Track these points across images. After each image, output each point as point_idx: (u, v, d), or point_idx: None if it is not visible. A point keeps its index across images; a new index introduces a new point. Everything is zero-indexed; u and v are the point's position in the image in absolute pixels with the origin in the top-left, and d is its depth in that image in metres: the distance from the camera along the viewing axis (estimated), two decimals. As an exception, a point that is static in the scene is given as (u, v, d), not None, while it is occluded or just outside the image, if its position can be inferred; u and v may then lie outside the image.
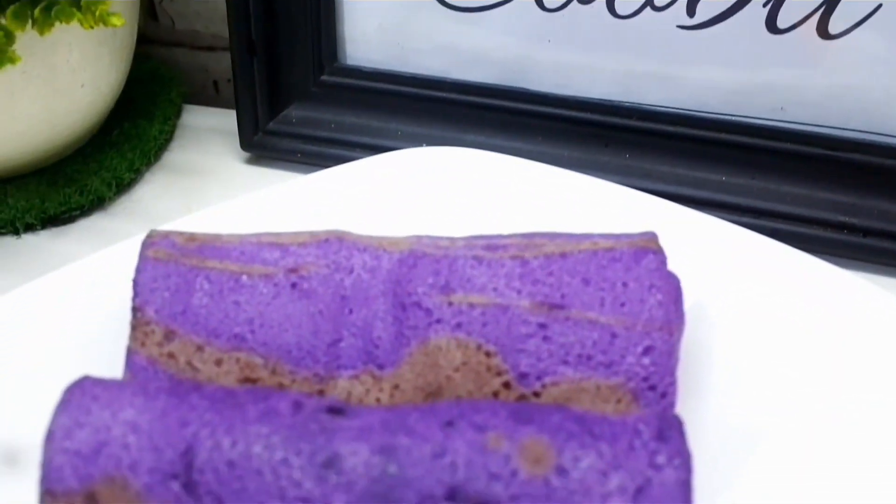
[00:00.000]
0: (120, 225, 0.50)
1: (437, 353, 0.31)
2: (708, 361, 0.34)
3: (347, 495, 0.26)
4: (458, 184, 0.43)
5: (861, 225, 0.43)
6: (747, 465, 0.31)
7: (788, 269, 0.37)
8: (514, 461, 0.26)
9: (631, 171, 0.47)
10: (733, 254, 0.38)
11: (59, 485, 0.27)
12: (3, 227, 0.49)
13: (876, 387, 0.33)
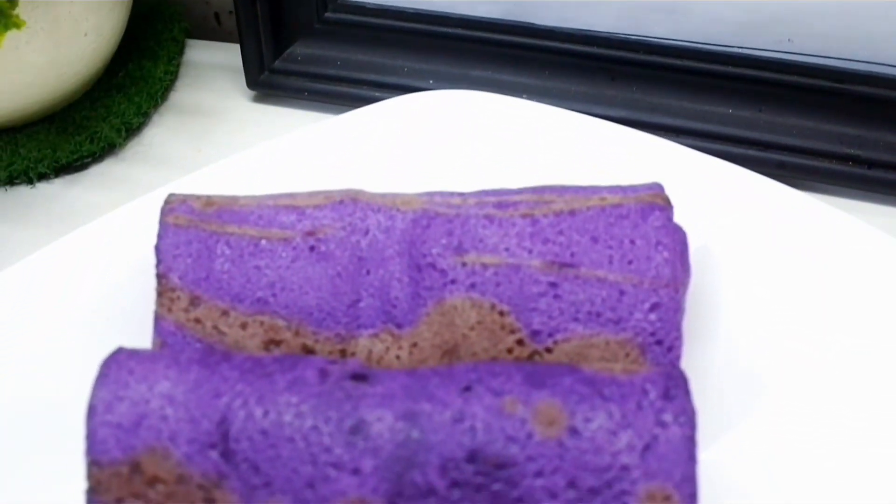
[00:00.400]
0: (132, 170, 0.51)
1: (453, 312, 0.33)
2: (713, 307, 0.36)
3: (375, 460, 0.28)
4: (467, 128, 0.43)
5: (866, 157, 0.43)
6: (752, 408, 0.33)
7: (793, 212, 0.37)
8: (529, 424, 0.28)
9: (637, 104, 0.47)
10: (738, 197, 0.38)
11: (104, 455, 0.29)
12: (17, 178, 0.49)
13: (881, 330, 0.34)
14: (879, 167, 0.43)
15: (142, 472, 0.28)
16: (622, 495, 0.27)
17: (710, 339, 0.35)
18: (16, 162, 0.49)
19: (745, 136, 0.45)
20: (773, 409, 0.34)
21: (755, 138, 0.45)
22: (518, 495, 0.27)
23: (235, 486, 0.28)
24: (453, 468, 0.28)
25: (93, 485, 0.29)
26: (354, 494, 0.28)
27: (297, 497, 0.28)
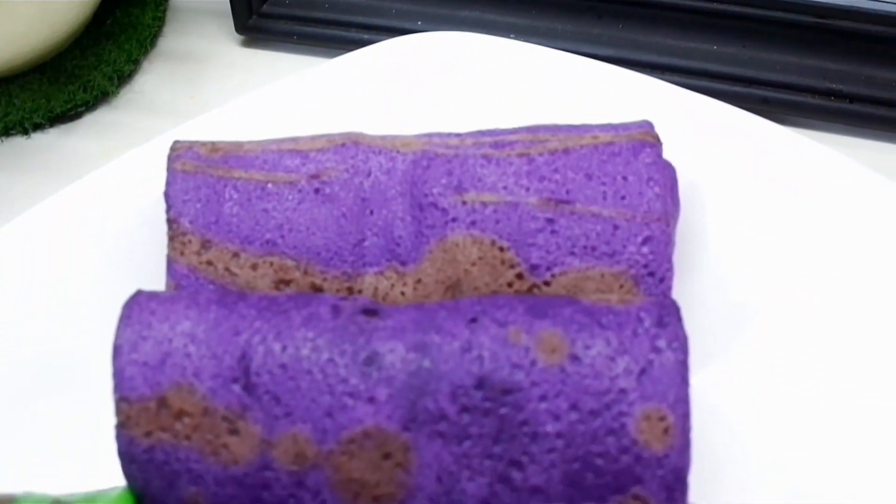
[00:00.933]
0: (127, 117, 0.52)
1: (455, 249, 0.34)
2: (701, 241, 0.37)
3: (388, 388, 0.30)
4: (458, 70, 0.44)
5: (848, 91, 0.45)
6: (739, 337, 0.35)
7: (777, 148, 0.39)
8: (533, 352, 0.30)
9: (624, 43, 0.48)
10: (724, 133, 0.40)
11: (132, 392, 0.30)
12: (12, 129, 0.50)
13: (863, 261, 0.36)
14: (860, 101, 0.45)
15: (168, 406, 0.30)
16: (620, 416, 0.29)
17: (699, 271, 0.37)
18: (11, 113, 0.49)
19: (730, 72, 0.47)
20: (759, 339, 0.36)
21: (739, 74, 0.46)
22: (524, 418, 0.29)
23: (258, 416, 0.30)
24: (462, 395, 0.30)
25: (122, 420, 0.30)
26: (371, 421, 0.30)
27: (317, 425, 0.30)
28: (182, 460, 0.30)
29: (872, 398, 0.34)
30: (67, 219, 0.39)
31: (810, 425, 0.34)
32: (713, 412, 0.34)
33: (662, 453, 0.29)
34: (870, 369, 0.34)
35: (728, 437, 0.34)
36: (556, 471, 0.30)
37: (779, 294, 0.37)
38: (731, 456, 0.33)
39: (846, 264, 0.36)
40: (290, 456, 0.30)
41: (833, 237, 0.37)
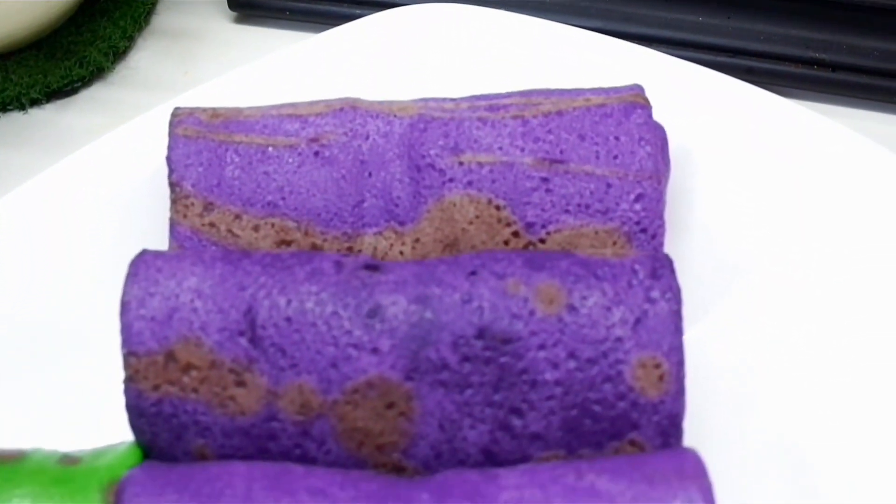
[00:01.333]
0: (122, 93, 0.52)
1: (452, 208, 0.35)
2: (691, 201, 0.38)
3: (391, 339, 0.31)
4: (448, 42, 0.45)
5: (831, 60, 0.46)
6: (731, 292, 0.36)
7: (764, 113, 0.40)
8: (532, 303, 0.31)
9: (611, 15, 0.49)
10: (713, 99, 0.41)
11: (140, 347, 0.31)
12: (9, 104, 0.50)
13: (848, 219, 0.37)
14: (843, 70, 0.46)
15: (176, 360, 0.31)
16: (617, 364, 0.30)
17: (689, 229, 0.38)
18: (7, 88, 0.50)
19: (715, 43, 0.48)
20: (748, 295, 0.37)
21: (724, 45, 0.48)
22: (523, 367, 0.30)
23: (264, 368, 0.31)
24: (464, 344, 0.30)
25: (130, 374, 0.31)
26: (374, 371, 0.30)
27: (322, 376, 0.31)
28: (189, 413, 0.31)
29: (859, 350, 0.35)
30: (71, 187, 0.39)
31: (799, 375, 0.35)
32: (706, 365, 0.35)
33: (658, 399, 0.30)
34: (856, 322, 0.36)
35: (721, 388, 0.35)
36: (555, 418, 0.30)
37: (767, 252, 0.38)
38: (724, 406, 0.34)
39: (831, 222, 0.38)
40: (296, 406, 0.31)
41: (819, 198, 0.38)
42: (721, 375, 0.35)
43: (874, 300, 0.35)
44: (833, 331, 0.36)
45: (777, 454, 0.33)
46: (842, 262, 0.37)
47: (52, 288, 0.37)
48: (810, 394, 0.34)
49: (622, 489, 0.27)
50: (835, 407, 0.33)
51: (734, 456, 0.32)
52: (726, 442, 0.33)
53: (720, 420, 0.33)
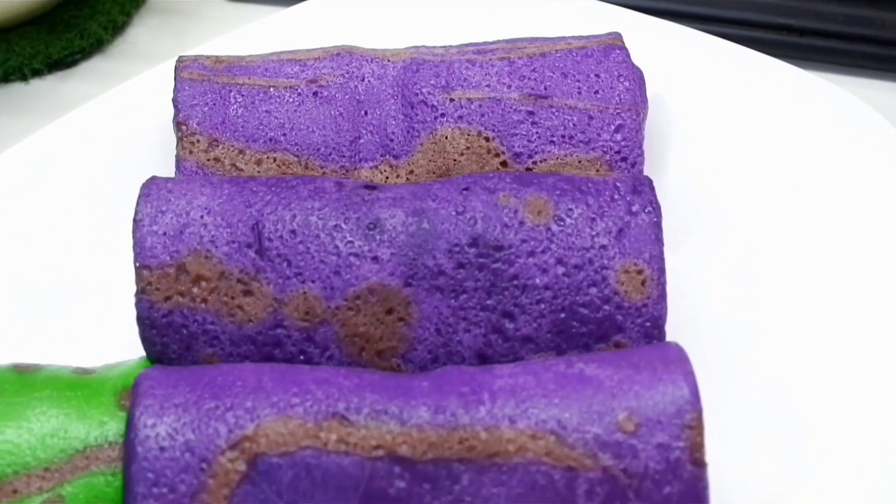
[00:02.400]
0: (119, 66, 0.54)
1: (444, 141, 0.37)
2: (667, 141, 0.41)
3: (391, 248, 0.33)
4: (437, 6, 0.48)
5: (798, 25, 0.49)
6: (706, 217, 0.39)
7: (735, 63, 0.43)
8: (521, 214, 0.33)
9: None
10: (687, 52, 0.44)
11: (153, 260, 0.33)
12: (11, 74, 0.52)
13: (814, 154, 0.40)
14: (809, 34, 0.49)
15: (187, 272, 0.33)
16: (602, 270, 0.33)
17: (665, 166, 0.41)
18: (10, 59, 0.52)
19: (686, 10, 0.51)
20: (725, 226, 0.39)
21: (695, 13, 0.50)
22: (514, 272, 0.32)
23: (270, 277, 0.33)
24: (458, 252, 0.32)
25: (143, 287, 0.33)
26: (375, 278, 0.32)
27: (325, 284, 0.32)
28: (199, 322, 0.33)
29: (829, 272, 0.37)
30: (81, 133, 0.41)
31: (775, 297, 0.37)
32: (685, 291, 0.38)
33: (641, 303, 0.33)
34: (825, 249, 0.38)
35: (700, 309, 0.37)
36: (545, 321, 0.33)
37: (738, 181, 0.40)
38: (705, 325, 0.36)
39: (800, 160, 0.40)
40: (301, 313, 0.32)
41: (789, 139, 0.41)
42: (702, 300, 0.37)
43: (838, 222, 0.38)
44: (812, 262, 0.38)
45: (753, 358, 0.35)
46: (813, 191, 0.40)
47: (66, 221, 0.39)
48: (789, 317, 0.36)
49: (609, 374, 0.29)
50: (809, 323, 0.36)
51: (714, 360, 0.34)
52: (705, 355, 0.34)
53: (702, 344, 0.34)
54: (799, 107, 0.42)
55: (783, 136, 0.41)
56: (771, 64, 0.43)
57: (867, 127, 0.41)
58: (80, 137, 0.41)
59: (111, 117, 0.42)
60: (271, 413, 0.29)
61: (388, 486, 0.28)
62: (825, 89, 0.42)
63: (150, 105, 0.42)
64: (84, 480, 0.30)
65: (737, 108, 0.42)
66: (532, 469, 0.28)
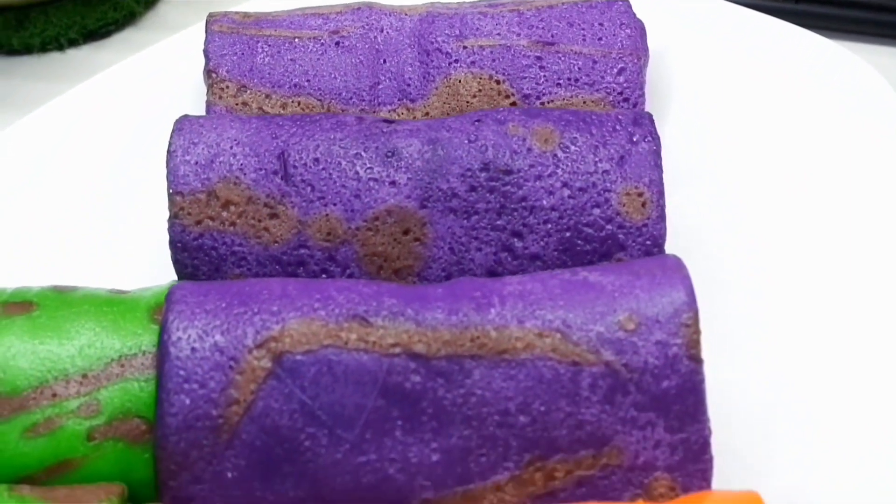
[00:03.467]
0: (151, 36, 0.57)
1: (458, 85, 0.40)
2: (668, 94, 0.43)
3: (407, 173, 0.35)
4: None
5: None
6: (704, 162, 0.41)
7: (733, 20, 0.45)
8: (529, 141, 0.35)
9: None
10: (688, 11, 0.46)
11: (185, 187, 0.35)
12: (49, 44, 0.55)
13: (808, 112, 0.42)
14: (804, 2, 0.51)
15: (217, 197, 0.35)
16: (605, 192, 0.35)
17: (667, 117, 0.43)
18: (48, 29, 0.55)
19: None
20: (722, 165, 0.41)
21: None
22: (523, 194, 0.35)
23: (295, 201, 0.35)
24: (470, 176, 0.35)
25: (175, 212, 0.35)
26: (392, 201, 0.35)
27: (346, 206, 0.35)
28: (228, 244, 0.35)
29: (818, 211, 0.39)
30: (119, 86, 0.44)
31: (769, 230, 0.39)
32: (687, 229, 0.39)
33: (641, 223, 0.35)
34: (816, 191, 0.40)
35: (698, 240, 0.39)
36: (552, 239, 0.35)
37: (737, 136, 0.42)
38: (701, 255, 0.38)
39: (796, 111, 0.42)
40: (323, 234, 0.35)
41: (786, 93, 0.43)
42: (700, 231, 0.39)
43: (830, 165, 0.40)
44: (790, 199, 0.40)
45: (746, 280, 0.37)
46: (799, 143, 0.42)
47: (109, 161, 0.42)
48: (774, 239, 0.38)
49: (611, 280, 0.31)
50: (798, 253, 0.38)
51: (709, 279, 0.36)
52: (701, 275, 0.36)
53: (697, 260, 0.36)
54: (797, 63, 0.44)
55: (779, 89, 0.43)
56: (769, 22, 0.45)
57: (861, 81, 0.43)
58: (121, 88, 0.44)
59: (148, 72, 0.45)
60: (295, 316, 0.31)
61: (404, 381, 0.30)
62: (824, 46, 0.44)
63: (182, 61, 0.45)
64: (119, 386, 0.33)
65: (735, 65, 0.44)
66: (539, 364, 0.30)
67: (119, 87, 0.45)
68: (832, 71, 0.43)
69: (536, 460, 0.30)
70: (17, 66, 0.55)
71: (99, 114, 0.44)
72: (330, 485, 0.29)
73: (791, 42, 0.44)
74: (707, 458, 0.30)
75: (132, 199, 0.41)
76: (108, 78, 0.45)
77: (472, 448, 0.29)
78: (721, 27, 0.45)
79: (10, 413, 0.31)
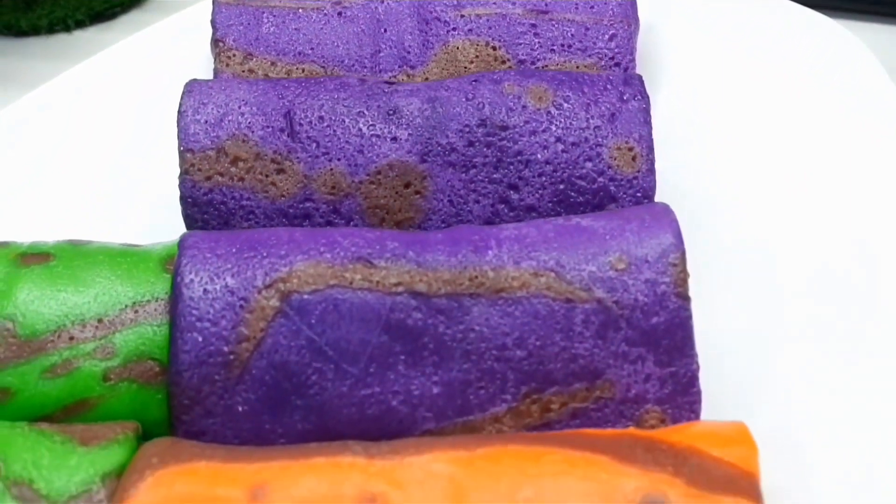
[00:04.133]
0: (154, 18, 0.58)
1: (456, 51, 0.41)
2: (659, 61, 0.45)
3: (408, 130, 0.36)
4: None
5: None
6: (693, 123, 0.42)
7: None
8: (524, 99, 0.37)
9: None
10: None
11: (196, 144, 0.37)
12: (56, 25, 0.57)
13: (797, 85, 0.43)
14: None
15: (226, 153, 0.37)
16: (596, 147, 0.36)
17: (658, 84, 0.44)
18: (55, 10, 0.56)
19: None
20: (711, 130, 0.43)
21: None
22: (518, 149, 0.36)
23: (301, 157, 0.36)
24: (468, 132, 0.36)
25: (186, 168, 0.37)
26: (394, 156, 0.36)
27: (350, 161, 0.36)
28: (237, 198, 0.37)
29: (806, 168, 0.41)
30: (131, 57, 0.46)
31: (757, 182, 0.40)
32: (678, 190, 0.41)
33: (632, 175, 0.36)
34: (802, 154, 0.42)
35: (685, 194, 0.40)
36: (546, 191, 0.36)
37: (726, 104, 0.44)
38: (691, 206, 0.40)
39: (785, 81, 0.44)
40: (328, 187, 0.36)
41: (776, 63, 0.44)
42: (692, 191, 0.40)
43: (816, 125, 0.42)
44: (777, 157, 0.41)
45: (735, 233, 0.38)
46: (787, 109, 0.43)
47: (122, 125, 0.44)
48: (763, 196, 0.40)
49: (603, 224, 0.33)
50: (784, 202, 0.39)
51: (698, 231, 0.37)
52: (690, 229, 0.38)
53: (685, 213, 0.38)
54: (786, 35, 0.45)
55: (767, 59, 0.45)
56: None
57: (847, 53, 0.44)
58: (133, 58, 0.46)
59: (158, 44, 0.47)
60: (303, 259, 0.32)
61: (406, 318, 0.31)
62: (812, 18, 0.45)
63: (191, 33, 0.47)
64: (133, 330, 0.34)
65: (725, 36, 0.46)
66: (534, 301, 0.31)
67: (131, 58, 0.46)
68: (819, 42, 0.45)
69: (533, 392, 0.31)
70: (25, 47, 0.57)
71: (112, 83, 0.45)
72: (336, 416, 0.31)
73: (781, 15, 0.46)
74: (695, 392, 0.31)
75: (143, 163, 0.42)
76: (121, 49, 0.46)
77: (471, 381, 0.31)
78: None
79: (29, 355, 0.33)
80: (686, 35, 0.46)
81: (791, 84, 0.44)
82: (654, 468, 0.27)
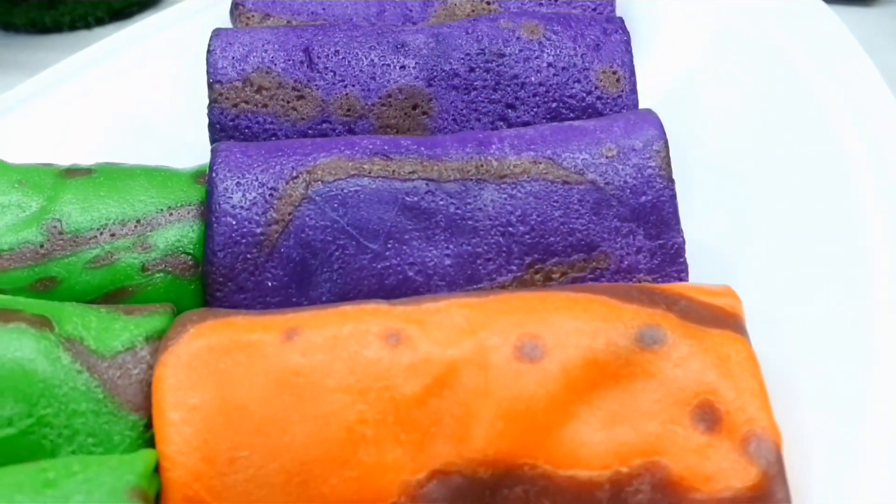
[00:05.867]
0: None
1: (454, 7, 0.46)
2: (648, 29, 0.49)
3: (416, 59, 0.41)
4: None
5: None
6: (678, 78, 0.46)
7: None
8: (518, 32, 0.41)
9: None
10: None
11: (224, 76, 0.41)
12: (77, 22, 0.61)
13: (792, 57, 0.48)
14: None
15: (251, 83, 0.40)
16: (584, 70, 0.41)
17: (646, 49, 0.49)
18: (77, 9, 0.61)
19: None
20: (698, 83, 0.47)
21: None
22: (514, 73, 0.40)
23: (319, 84, 0.40)
24: (469, 59, 0.41)
25: (215, 97, 0.40)
26: (403, 81, 0.40)
27: (363, 86, 0.40)
28: (261, 123, 0.40)
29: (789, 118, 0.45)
30: (158, 26, 0.51)
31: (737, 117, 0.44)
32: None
33: (616, 94, 0.41)
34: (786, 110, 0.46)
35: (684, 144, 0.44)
36: (540, 109, 0.40)
37: (705, 61, 0.48)
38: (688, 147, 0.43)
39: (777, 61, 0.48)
40: (344, 110, 0.40)
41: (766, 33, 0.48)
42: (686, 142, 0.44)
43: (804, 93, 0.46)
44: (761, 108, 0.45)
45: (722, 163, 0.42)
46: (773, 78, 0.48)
47: (152, 76, 0.48)
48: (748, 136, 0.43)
49: (594, 123, 0.37)
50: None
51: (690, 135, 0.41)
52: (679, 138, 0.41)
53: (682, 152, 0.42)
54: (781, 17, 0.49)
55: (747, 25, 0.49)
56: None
57: (826, 27, 0.48)
58: (160, 27, 0.50)
59: (180, 15, 0.51)
60: (325, 155, 0.36)
61: (420, 200, 0.35)
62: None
63: (209, 9, 0.51)
64: (169, 229, 0.37)
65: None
66: (535, 184, 0.35)
67: (161, 24, 0.51)
68: (799, 14, 0.49)
69: (536, 263, 0.34)
70: (48, 42, 0.61)
71: (140, 49, 0.49)
72: (357, 287, 0.34)
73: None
74: (682, 262, 0.35)
75: (168, 118, 0.46)
76: (148, 22, 0.51)
77: (479, 253, 0.34)
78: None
79: (73, 248, 0.36)
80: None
81: (763, 33, 0.48)
82: (650, 305, 0.31)
